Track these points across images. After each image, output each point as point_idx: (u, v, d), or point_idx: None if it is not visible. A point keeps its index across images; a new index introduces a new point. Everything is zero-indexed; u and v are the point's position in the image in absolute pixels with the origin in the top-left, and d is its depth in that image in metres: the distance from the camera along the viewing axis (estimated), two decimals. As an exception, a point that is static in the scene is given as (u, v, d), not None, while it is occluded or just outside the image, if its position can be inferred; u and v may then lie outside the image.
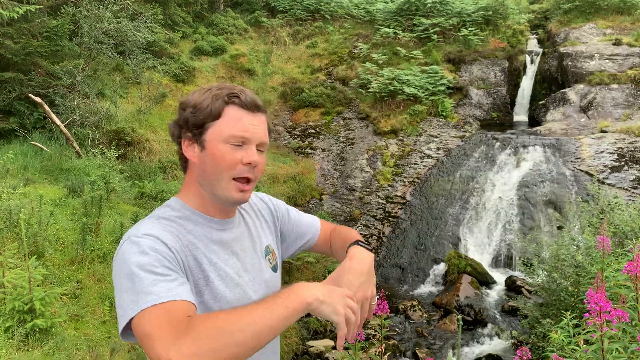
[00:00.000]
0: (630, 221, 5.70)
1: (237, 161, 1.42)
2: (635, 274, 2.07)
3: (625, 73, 13.12)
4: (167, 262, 1.30)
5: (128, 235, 1.35)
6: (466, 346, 7.65)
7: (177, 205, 1.50)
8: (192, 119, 1.44)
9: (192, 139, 1.46)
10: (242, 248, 1.56)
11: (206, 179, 1.46)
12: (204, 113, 1.43)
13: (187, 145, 1.48)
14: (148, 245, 1.30)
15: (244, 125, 1.43)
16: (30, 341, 4.74)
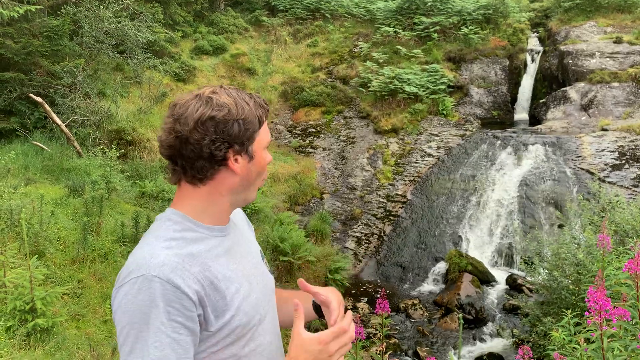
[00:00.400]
0: (631, 219, 5.70)
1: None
2: (636, 272, 2.07)
3: (626, 71, 13.10)
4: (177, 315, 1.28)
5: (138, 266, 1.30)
6: (467, 345, 7.66)
7: (178, 218, 1.45)
8: (245, 132, 1.42)
9: (239, 151, 1.43)
10: (245, 253, 1.56)
11: (247, 187, 1.49)
12: (253, 124, 1.43)
13: (235, 159, 1.43)
14: (161, 294, 1.27)
15: (268, 130, 1.51)
16: (31, 341, 4.75)
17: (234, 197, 1.48)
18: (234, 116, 1.39)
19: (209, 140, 1.37)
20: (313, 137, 13.84)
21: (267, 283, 1.60)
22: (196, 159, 1.39)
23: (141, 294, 1.25)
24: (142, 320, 1.24)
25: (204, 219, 1.46)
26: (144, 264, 1.29)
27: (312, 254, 8.96)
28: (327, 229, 10.72)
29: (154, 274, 1.27)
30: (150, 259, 1.30)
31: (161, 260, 1.30)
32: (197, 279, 1.33)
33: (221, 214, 1.49)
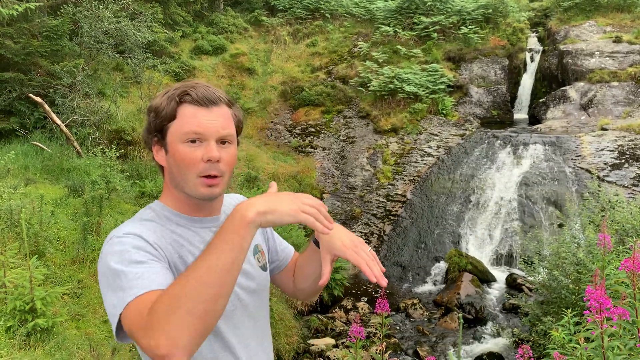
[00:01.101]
0: (631, 218, 5.70)
1: (199, 159, 1.39)
2: (632, 270, 2.08)
3: (625, 71, 13.11)
4: (144, 252, 1.31)
5: (110, 237, 1.36)
6: (467, 344, 7.66)
7: (157, 207, 1.50)
8: (154, 123, 1.43)
9: (158, 144, 1.46)
10: None
11: (175, 180, 1.45)
12: (161, 116, 1.42)
13: (156, 150, 1.47)
14: (129, 242, 1.32)
15: (197, 121, 1.40)
16: (31, 341, 4.74)
17: (176, 190, 1.48)
18: (151, 107, 1.45)
19: (144, 129, 1.51)
20: (313, 136, 13.84)
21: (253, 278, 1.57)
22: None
23: (114, 246, 1.32)
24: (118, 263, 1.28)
25: (182, 208, 1.49)
26: (114, 234, 1.36)
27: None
28: (327, 229, 10.70)
29: (124, 232, 1.35)
30: (120, 229, 1.38)
31: (130, 227, 1.38)
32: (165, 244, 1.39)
33: (188, 205, 1.49)
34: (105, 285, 1.31)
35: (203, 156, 1.39)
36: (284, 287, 1.80)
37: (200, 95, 1.41)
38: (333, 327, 8.17)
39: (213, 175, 1.41)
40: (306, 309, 8.61)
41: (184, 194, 1.46)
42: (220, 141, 1.42)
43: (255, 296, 1.57)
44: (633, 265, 2.06)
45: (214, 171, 1.41)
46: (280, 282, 1.80)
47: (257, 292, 1.58)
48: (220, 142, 1.42)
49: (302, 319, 8.25)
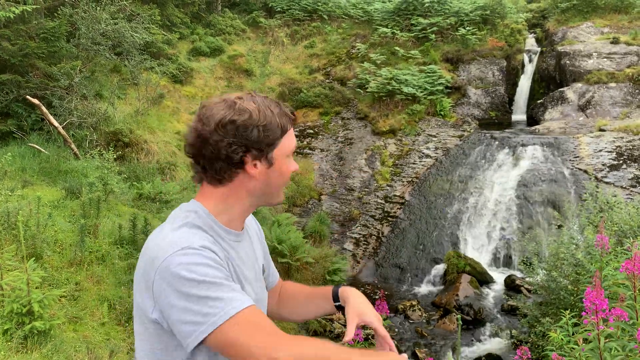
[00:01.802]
0: (629, 219, 5.70)
1: (290, 171, 1.54)
2: (633, 272, 2.07)
3: (623, 72, 13.13)
4: (226, 271, 1.36)
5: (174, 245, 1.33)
6: (466, 346, 7.65)
7: (203, 213, 1.48)
8: (265, 138, 1.44)
9: (258, 157, 1.46)
10: (249, 266, 1.58)
11: (267, 191, 1.52)
12: (275, 132, 1.46)
13: (253, 163, 1.46)
14: (202, 256, 1.32)
15: (294, 139, 1.54)
16: (28, 343, 4.72)
17: (253, 200, 1.53)
18: (255, 122, 1.43)
19: (226, 143, 1.41)
20: (311, 138, 13.83)
21: (262, 299, 1.64)
22: (215, 160, 1.43)
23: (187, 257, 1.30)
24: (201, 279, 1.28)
25: (223, 219, 1.50)
26: (179, 241, 1.34)
27: (310, 256, 8.94)
28: (325, 231, 10.70)
29: (194, 246, 1.33)
30: (185, 239, 1.35)
31: (194, 239, 1.36)
32: (225, 259, 1.42)
33: (236, 218, 1.53)
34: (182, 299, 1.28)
35: (290, 168, 1.55)
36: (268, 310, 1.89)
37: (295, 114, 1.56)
38: (331, 329, 8.15)
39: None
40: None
41: (263, 203, 1.56)
42: None
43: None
44: (634, 267, 2.05)
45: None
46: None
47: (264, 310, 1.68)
48: None
49: (300, 320, 8.22)
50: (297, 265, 8.71)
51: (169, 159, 11.62)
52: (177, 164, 11.65)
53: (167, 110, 13.62)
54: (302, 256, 8.70)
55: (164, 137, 12.31)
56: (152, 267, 1.34)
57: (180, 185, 10.33)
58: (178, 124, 13.41)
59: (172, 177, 11.22)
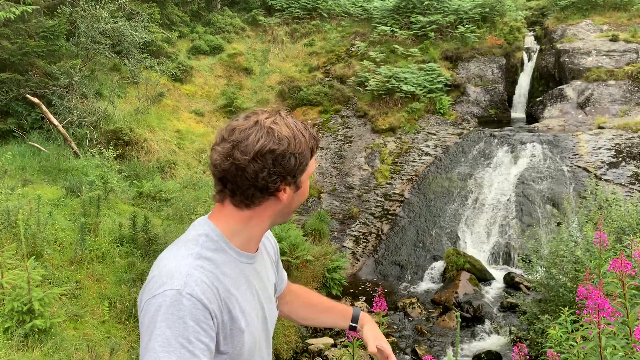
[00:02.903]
0: (628, 217, 5.72)
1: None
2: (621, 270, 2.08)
3: (622, 69, 13.13)
4: (202, 336, 1.31)
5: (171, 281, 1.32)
6: (465, 343, 7.67)
7: (215, 236, 1.46)
8: (300, 165, 1.45)
9: (289, 182, 1.46)
10: (261, 287, 1.58)
11: (287, 212, 1.54)
12: (307, 157, 1.47)
13: (283, 190, 1.46)
14: (189, 312, 1.30)
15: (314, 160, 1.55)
16: (29, 342, 4.74)
17: (272, 221, 1.53)
18: (292, 150, 1.41)
19: (266, 173, 1.39)
20: (310, 136, 13.84)
21: (272, 318, 1.65)
22: (249, 187, 1.40)
23: (172, 307, 1.29)
24: (170, 335, 1.27)
25: (236, 241, 1.48)
26: (177, 278, 1.32)
27: (310, 253, 8.96)
28: (325, 228, 10.72)
29: (187, 292, 1.30)
30: (185, 276, 1.33)
31: (194, 279, 1.33)
32: (219, 305, 1.37)
33: (254, 240, 1.53)
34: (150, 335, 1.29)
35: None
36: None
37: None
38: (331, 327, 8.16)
39: None
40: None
41: (275, 224, 1.56)
42: None
43: (269, 338, 1.67)
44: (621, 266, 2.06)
45: None
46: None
47: (271, 333, 1.69)
48: None
49: (300, 318, 8.24)
50: (297, 263, 8.72)
51: (168, 158, 11.62)
52: (177, 162, 11.66)
53: (167, 108, 13.63)
54: (302, 254, 8.72)
55: (164, 136, 12.32)
56: (147, 291, 1.36)
57: (180, 183, 10.34)
58: (178, 122, 13.41)
59: (172, 175, 11.23)
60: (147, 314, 1.32)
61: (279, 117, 1.44)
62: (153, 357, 1.26)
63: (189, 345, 1.27)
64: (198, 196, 8.80)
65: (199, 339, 1.30)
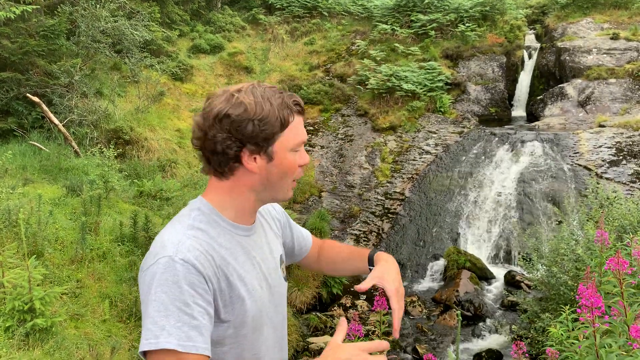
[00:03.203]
0: (629, 215, 5.71)
1: (297, 165, 1.49)
2: (618, 269, 2.08)
3: (623, 67, 13.12)
4: (199, 299, 1.32)
5: (164, 250, 1.34)
6: (466, 341, 7.67)
7: (206, 209, 1.49)
8: (262, 133, 1.40)
9: (256, 151, 1.43)
10: (263, 258, 1.57)
11: (269, 186, 1.48)
12: (273, 125, 1.41)
13: (251, 158, 1.44)
14: (184, 276, 1.30)
15: (302, 130, 1.48)
16: (30, 340, 4.74)
17: (256, 194, 1.50)
18: (250, 116, 1.39)
19: (221, 138, 1.40)
20: (311, 135, 13.84)
21: (279, 290, 1.62)
22: (213, 154, 1.43)
23: (167, 273, 1.30)
24: (166, 299, 1.29)
25: (229, 214, 1.49)
26: (170, 246, 1.34)
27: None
28: (325, 227, 10.71)
29: (180, 257, 1.32)
30: (176, 244, 1.35)
31: (186, 246, 1.35)
32: (215, 271, 1.38)
33: (245, 212, 1.51)
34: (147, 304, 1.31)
35: (299, 162, 1.48)
36: (307, 267, 2.00)
37: (302, 104, 1.49)
38: (332, 326, 8.17)
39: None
40: (305, 307, 8.61)
41: (268, 199, 1.52)
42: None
43: (279, 308, 1.63)
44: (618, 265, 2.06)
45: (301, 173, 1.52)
46: (303, 263, 1.97)
47: (282, 302, 1.66)
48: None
49: (301, 317, 8.26)
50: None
51: (169, 157, 11.63)
52: (177, 161, 11.66)
53: (167, 107, 13.62)
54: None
55: (165, 135, 12.32)
56: (143, 265, 1.39)
57: (181, 182, 10.35)
58: (178, 121, 13.41)
59: (172, 174, 11.23)
60: (143, 285, 1.35)
61: (249, 86, 1.44)
62: (151, 322, 1.27)
63: (186, 308, 1.28)
64: (199, 195, 8.78)
65: (196, 302, 1.30)
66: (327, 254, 1.91)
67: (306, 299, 8.68)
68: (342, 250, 1.92)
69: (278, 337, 1.63)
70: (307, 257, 1.91)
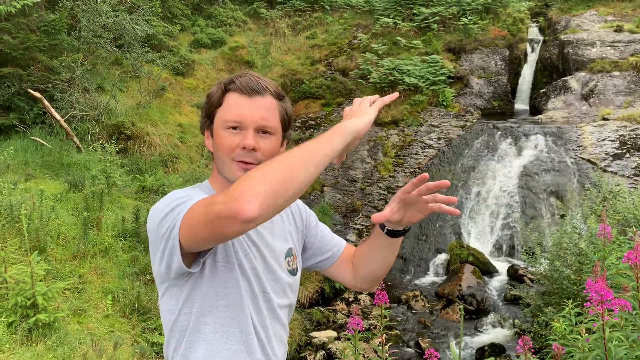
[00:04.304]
0: (633, 208, 5.69)
1: (235, 145, 1.45)
2: (636, 262, 2.06)
3: (626, 60, 13.04)
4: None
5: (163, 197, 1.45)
6: (469, 335, 7.67)
7: (206, 188, 1.55)
8: (206, 109, 1.52)
9: (208, 129, 1.53)
10: (263, 243, 1.57)
11: (217, 164, 1.52)
12: (211, 102, 1.49)
13: (207, 135, 1.55)
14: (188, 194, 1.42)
15: (238, 109, 1.45)
16: (33, 336, 4.75)
17: (221, 175, 1.53)
18: (210, 91, 1.52)
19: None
20: (313, 129, 13.80)
21: (279, 279, 1.59)
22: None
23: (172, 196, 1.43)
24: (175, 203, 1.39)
25: None
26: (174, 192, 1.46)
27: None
28: (328, 222, 10.71)
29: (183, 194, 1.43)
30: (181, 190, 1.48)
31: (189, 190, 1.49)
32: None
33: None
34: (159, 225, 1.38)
35: (239, 143, 1.45)
36: (342, 279, 1.84)
37: (244, 83, 1.46)
38: (335, 320, 8.18)
39: (248, 162, 1.45)
40: (308, 301, 8.62)
41: (226, 179, 1.51)
42: (260, 131, 1.47)
43: (283, 298, 1.61)
44: (636, 258, 2.04)
45: (249, 159, 1.45)
46: (337, 273, 1.83)
47: (284, 293, 1.62)
48: (261, 131, 1.47)
49: (304, 311, 8.26)
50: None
51: (171, 152, 11.62)
52: (179, 156, 11.65)
53: (168, 102, 13.60)
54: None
55: (166, 130, 12.31)
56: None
57: (183, 177, 10.34)
58: (180, 116, 13.40)
59: (174, 169, 11.22)
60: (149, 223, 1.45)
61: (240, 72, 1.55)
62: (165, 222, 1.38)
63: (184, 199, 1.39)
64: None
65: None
66: (356, 258, 1.80)
67: (309, 293, 8.69)
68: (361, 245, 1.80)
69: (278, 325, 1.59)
70: (342, 266, 1.80)
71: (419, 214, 1.55)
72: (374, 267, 1.72)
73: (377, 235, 1.65)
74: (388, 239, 1.62)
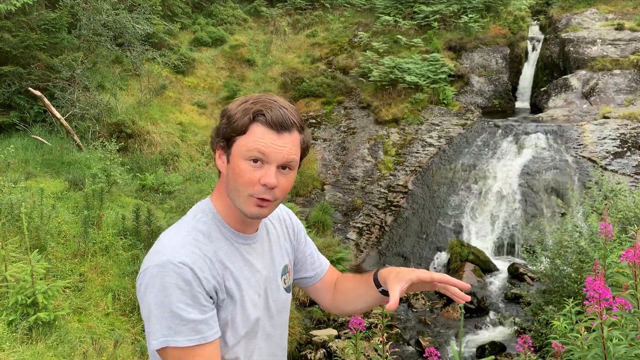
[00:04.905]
0: (634, 207, 5.68)
1: (256, 181, 1.39)
2: (634, 261, 2.05)
3: (627, 58, 13.02)
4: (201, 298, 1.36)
5: (164, 250, 1.37)
6: (469, 334, 7.67)
7: (210, 212, 1.49)
8: (224, 130, 1.42)
9: (221, 149, 1.45)
10: (264, 265, 1.57)
11: (229, 190, 1.45)
12: (232, 126, 1.40)
13: (219, 155, 1.46)
14: (184, 279, 1.33)
15: (265, 143, 1.38)
16: (33, 334, 4.76)
17: (229, 198, 1.47)
18: (226, 112, 1.43)
19: (214, 127, 1.48)
20: (313, 128, 13.80)
21: (277, 299, 1.60)
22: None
23: (166, 276, 1.33)
24: (162, 302, 1.33)
25: (231, 219, 1.50)
26: (170, 250, 1.37)
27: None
28: (328, 220, 10.71)
29: (178, 260, 1.34)
30: (177, 247, 1.37)
31: (186, 251, 1.37)
32: (213, 274, 1.39)
33: (239, 218, 1.49)
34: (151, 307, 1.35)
35: (261, 179, 1.38)
36: (319, 301, 1.85)
37: (274, 118, 1.38)
38: (335, 318, 8.18)
39: (266, 199, 1.41)
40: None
41: (234, 205, 1.47)
42: (281, 167, 1.41)
43: (276, 317, 1.61)
44: (635, 256, 2.03)
45: (268, 196, 1.40)
46: (316, 294, 1.84)
47: (280, 312, 1.63)
48: (281, 167, 1.41)
49: (304, 309, 8.26)
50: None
51: (171, 150, 11.61)
52: (179, 154, 11.65)
53: (169, 101, 13.60)
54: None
55: (167, 128, 12.30)
56: (144, 263, 1.40)
57: (183, 176, 10.34)
58: (180, 114, 13.39)
59: (175, 168, 11.22)
60: (140, 283, 1.39)
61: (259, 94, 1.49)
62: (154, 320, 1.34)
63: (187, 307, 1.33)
64: (201, 188, 8.79)
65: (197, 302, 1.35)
66: (338, 286, 1.80)
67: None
68: (347, 278, 1.81)
69: (274, 347, 1.61)
70: (323, 288, 1.81)
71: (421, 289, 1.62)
72: (357, 308, 1.77)
73: (369, 286, 1.67)
74: (380, 295, 1.65)
